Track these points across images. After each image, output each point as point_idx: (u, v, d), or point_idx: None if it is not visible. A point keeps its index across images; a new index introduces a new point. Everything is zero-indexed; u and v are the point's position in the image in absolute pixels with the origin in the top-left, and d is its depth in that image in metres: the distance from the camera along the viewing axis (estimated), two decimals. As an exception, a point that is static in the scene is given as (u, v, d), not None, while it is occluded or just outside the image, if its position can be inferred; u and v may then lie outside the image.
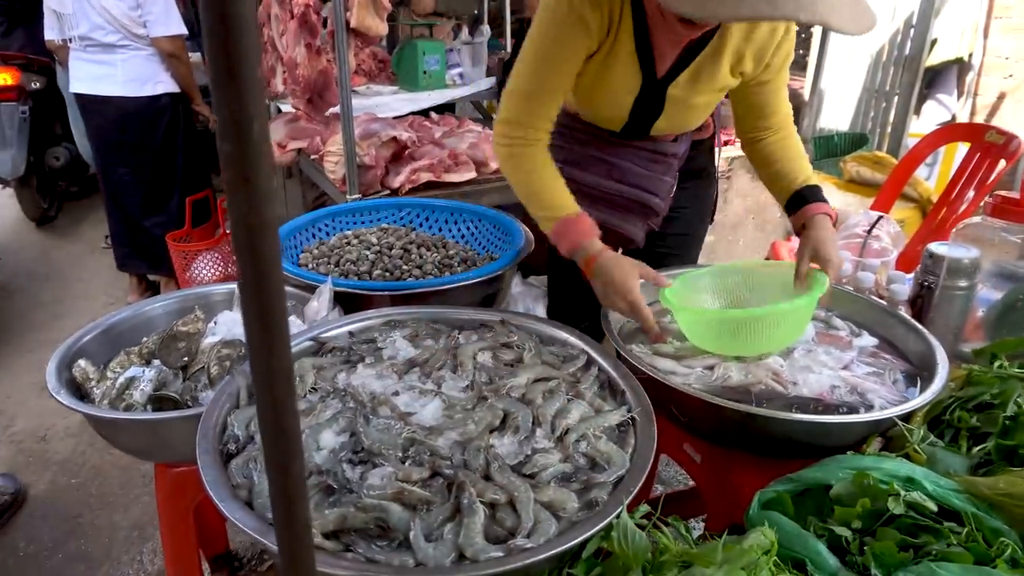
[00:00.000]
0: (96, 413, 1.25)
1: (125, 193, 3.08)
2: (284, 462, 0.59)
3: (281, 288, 0.53)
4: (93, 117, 2.96)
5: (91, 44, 2.85)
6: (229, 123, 0.46)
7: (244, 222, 0.50)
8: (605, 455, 1.01)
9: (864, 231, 1.73)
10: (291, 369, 0.55)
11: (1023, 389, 1.17)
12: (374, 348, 1.28)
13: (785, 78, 1.53)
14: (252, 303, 0.53)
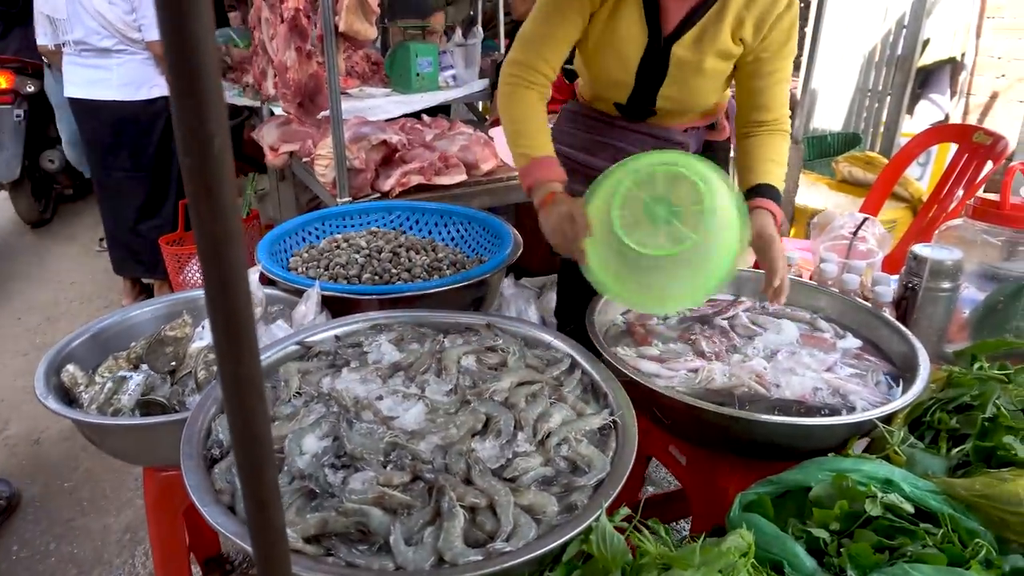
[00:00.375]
0: (84, 419, 1.25)
1: (121, 197, 3.08)
2: (257, 468, 0.60)
3: (247, 297, 0.54)
4: (88, 122, 2.96)
5: (86, 49, 2.85)
6: (190, 138, 0.47)
7: (208, 233, 0.51)
8: (586, 458, 1.02)
9: (850, 233, 1.74)
10: (260, 377, 0.56)
11: (1001, 391, 1.18)
12: (359, 352, 1.29)
13: (787, 70, 1.53)
14: (219, 313, 0.54)
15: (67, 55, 2.93)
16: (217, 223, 0.52)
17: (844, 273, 1.60)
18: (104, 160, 3.03)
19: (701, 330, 1.50)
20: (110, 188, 3.10)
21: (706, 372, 1.32)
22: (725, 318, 1.55)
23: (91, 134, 3.02)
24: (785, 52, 1.50)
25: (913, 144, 2.57)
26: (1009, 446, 1.03)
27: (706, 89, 1.58)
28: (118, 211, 3.13)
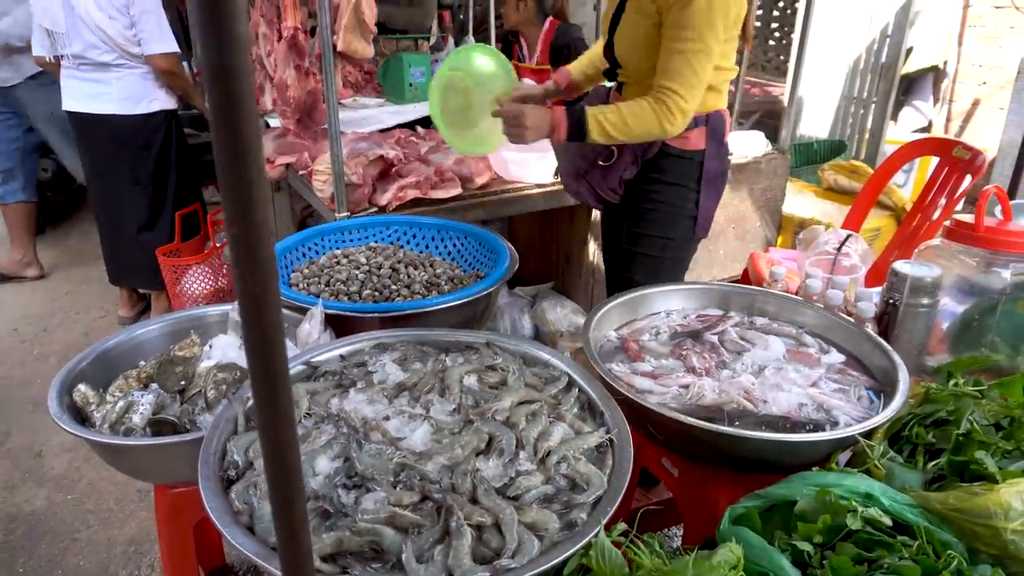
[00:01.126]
0: (99, 439, 1.30)
1: (118, 209, 3.10)
2: (288, 500, 0.66)
3: (284, 355, 0.59)
4: (87, 135, 2.98)
5: (84, 63, 2.87)
6: (236, 210, 0.53)
7: (250, 295, 0.57)
8: (584, 476, 1.08)
9: (834, 248, 1.80)
10: (293, 424, 0.61)
11: (976, 406, 1.25)
12: (365, 372, 1.34)
13: (682, 44, 1.69)
14: (259, 368, 0.59)
15: (65, 68, 2.94)
16: (257, 282, 0.58)
17: (829, 289, 1.66)
18: (102, 173, 3.05)
19: (692, 345, 1.56)
20: (107, 200, 3.12)
21: (697, 388, 1.38)
22: (715, 333, 1.61)
23: (89, 147, 3.04)
24: (681, 25, 1.68)
25: (896, 157, 2.65)
26: (980, 461, 1.09)
27: (632, 43, 1.83)
28: (115, 223, 3.15)
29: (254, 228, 0.55)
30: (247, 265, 0.57)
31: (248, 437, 1.14)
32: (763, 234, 3.36)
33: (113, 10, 2.73)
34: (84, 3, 2.71)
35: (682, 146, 1.91)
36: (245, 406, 1.21)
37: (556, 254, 3.16)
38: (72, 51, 2.85)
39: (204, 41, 0.45)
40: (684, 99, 1.72)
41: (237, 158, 0.49)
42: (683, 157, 1.92)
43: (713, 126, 1.90)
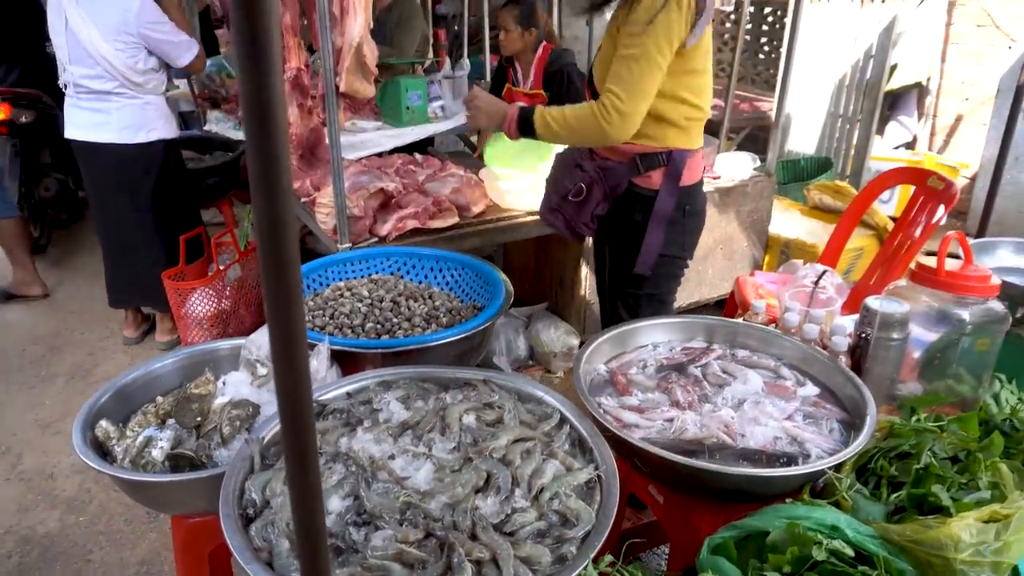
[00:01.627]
0: (122, 475, 1.39)
1: (119, 234, 3.19)
2: (313, 547, 0.76)
3: (314, 446, 0.69)
4: (89, 163, 3.06)
5: (84, 91, 2.94)
6: (272, 280, 0.61)
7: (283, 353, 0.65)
8: (575, 512, 1.18)
9: (812, 282, 1.91)
10: (318, 477, 0.71)
11: (936, 439, 1.35)
12: (371, 410, 1.44)
13: (628, 50, 1.79)
14: (294, 460, 0.69)
15: (68, 97, 3.03)
16: (290, 324, 0.66)
17: (806, 323, 1.76)
18: (103, 199, 3.15)
19: (676, 379, 1.66)
20: (109, 226, 3.21)
21: (680, 422, 1.48)
22: (698, 366, 1.71)
23: (90, 175, 3.13)
24: (625, 34, 1.79)
25: (875, 183, 2.76)
26: (936, 495, 1.20)
27: (602, 70, 1.90)
28: (117, 248, 3.25)
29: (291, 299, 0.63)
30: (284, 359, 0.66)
31: (264, 476, 1.24)
32: (750, 254, 3.47)
33: (120, 42, 2.81)
34: (89, 33, 2.79)
35: (645, 185, 1.99)
36: (260, 445, 1.31)
37: (550, 276, 3.26)
38: (74, 79, 2.93)
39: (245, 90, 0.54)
40: (621, 100, 1.78)
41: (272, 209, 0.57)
42: (646, 196, 2.00)
43: (672, 166, 1.95)
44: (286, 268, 0.60)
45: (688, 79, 1.89)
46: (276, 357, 0.64)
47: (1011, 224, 4.42)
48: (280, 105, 0.54)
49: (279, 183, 0.56)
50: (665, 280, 2.14)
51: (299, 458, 0.70)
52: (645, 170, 1.97)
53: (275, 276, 0.60)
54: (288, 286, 0.61)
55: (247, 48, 0.52)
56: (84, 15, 2.79)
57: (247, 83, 0.53)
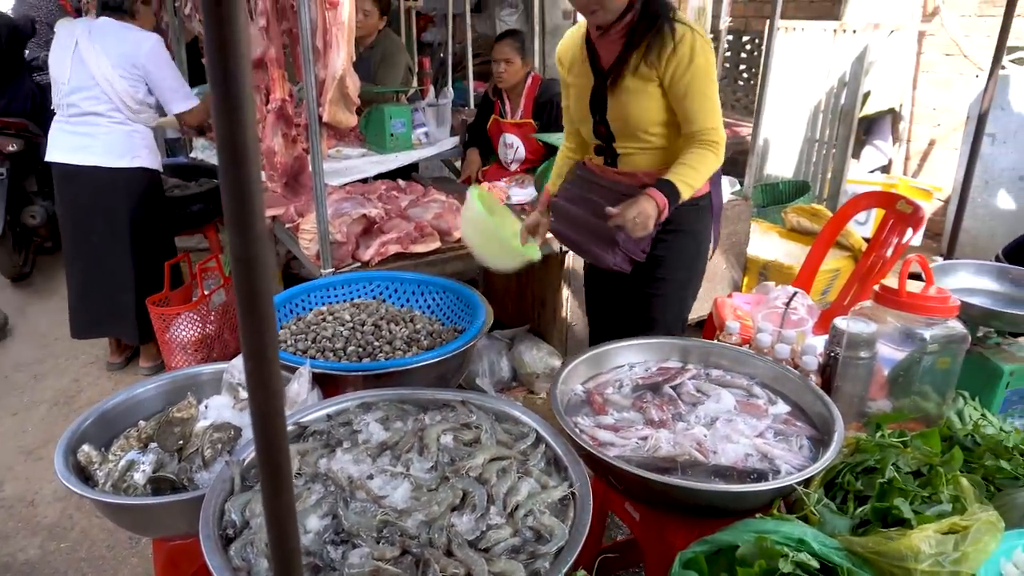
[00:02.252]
0: (104, 499, 1.40)
1: (90, 261, 3.14)
2: (287, 559, 0.79)
3: (288, 465, 0.72)
4: (68, 187, 3.05)
5: (76, 112, 2.97)
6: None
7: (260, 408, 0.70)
8: (548, 528, 1.21)
9: (784, 304, 1.96)
10: (292, 502, 0.74)
11: (900, 454, 1.40)
12: (350, 431, 1.47)
13: (697, 88, 1.92)
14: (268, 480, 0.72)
15: (56, 120, 3.05)
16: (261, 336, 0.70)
17: (778, 343, 1.81)
18: (78, 224, 3.11)
19: (652, 398, 1.70)
20: (81, 252, 3.16)
21: (653, 440, 1.51)
22: (672, 386, 1.75)
23: (69, 198, 3.10)
24: (694, 87, 1.91)
25: (847, 207, 2.84)
26: (899, 508, 1.24)
27: (639, 107, 1.99)
28: (87, 275, 3.19)
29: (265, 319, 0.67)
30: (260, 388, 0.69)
31: (244, 497, 1.26)
32: (730, 276, 3.53)
33: (125, 71, 2.91)
34: (96, 58, 2.87)
35: (694, 195, 2.06)
36: (241, 467, 1.33)
37: (532, 298, 3.30)
38: (68, 100, 2.97)
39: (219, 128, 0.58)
40: (720, 132, 1.96)
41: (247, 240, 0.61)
42: (694, 206, 2.10)
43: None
44: (260, 299, 0.63)
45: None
46: (250, 381, 0.68)
47: (983, 246, 4.52)
48: (254, 151, 0.58)
49: (253, 225, 0.60)
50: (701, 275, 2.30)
51: (273, 477, 0.73)
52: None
53: (249, 309, 0.63)
54: (262, 318, 0.64)
55: (222, 101, 0.57)
56: (96, 44, 2.89)
57: (222, 130, 0.57)
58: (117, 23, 3.00)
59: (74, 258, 3.21)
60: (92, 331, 3.34)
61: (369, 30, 3.98)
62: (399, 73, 3.96)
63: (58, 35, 3.05)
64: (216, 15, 0.54)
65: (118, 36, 2.96)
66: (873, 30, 4.58)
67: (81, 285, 3.23)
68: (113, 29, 2.97)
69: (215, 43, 0.55)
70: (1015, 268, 1.82)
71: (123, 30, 2.99)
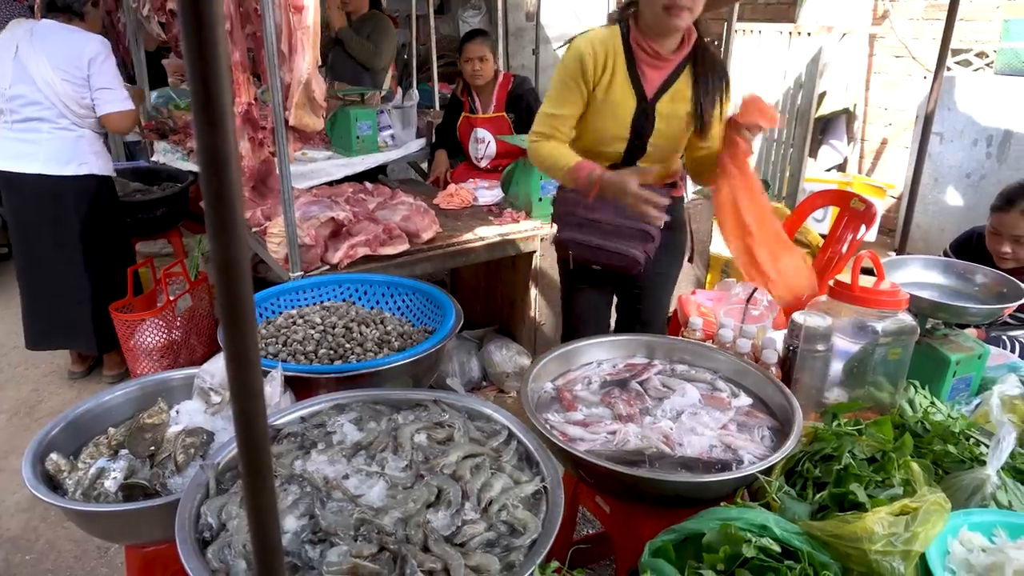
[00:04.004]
0: (76, 507, 1.40)
1: (41, 272, 3.07)
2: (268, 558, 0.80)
3: (269, 465, 0.74)
4: (13, 196, 2.97)
5: (18, 119, 2.88)
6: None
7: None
8: (522, 522, 1.24)
9: (744, 300, 2.03)
10: (274, 502, 0.76)
11: (856, 442, 1.46)
12: (324, 432, 1.48)
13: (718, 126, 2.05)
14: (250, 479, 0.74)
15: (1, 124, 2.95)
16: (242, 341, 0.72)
17: (739, 338, 1.87)
18: (26, 233, 3.03)
19: (619, 393, 1.74)
20: (31, 262, 3.09)
21: (622, 435, 1.56)
22: (639, 381, 1.80)
23: (15, 208, 3.01)
24: (720, 119, 2.06)
25: (805, 205, 2.93)
26: (854, 493, 1.30)
27: (682, 133, 2.09)
28: (39, 286, 3.11)
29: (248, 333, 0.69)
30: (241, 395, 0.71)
31: (219, 500, 1.27)
32: (694, 274, 3.61)
33: (67, 74, 2.82)
34: (37, 62, 2.78)
35: (678, 194, 2.27)
36: (216, 471, 1.34)
37: (500, 298, 3.34)
38: (9, 105, 2.88)
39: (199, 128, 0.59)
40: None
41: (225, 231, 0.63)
42: (681, 200, 2.31)
43: (684, 178, 2.32)
44: (242, 302, 0.65)
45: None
46: (232, 383, 0.69)
47: (934, 241, 4.69)
48: (233, 153, 0.60)
49: (235, 227, 0.62)
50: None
51: (254, 475, 0.75)
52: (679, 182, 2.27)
53: (232, 312, 0.65)
54: (244, 320, 0.66)
55: (201, 103, 0.58)
56: (37, 49, 2.80)
57: (202, 136, 0.59)
58: (62, 25, 2.91)
59: (24, 267, 3.12)
60: (47, 343, 3.26)
61: (358, 6, 4.20)
62: (393, 45, 4.21)
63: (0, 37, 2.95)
64: (194, 18, 0.55)
65: (61, 38, 2.86)
66: (826, 33, 4.72)
67: (33, 296, 3.15)
68: (57, 31, 2.88)
69: (193, 45, 0.56)
70: (960, 262, 1.91)
71: (68, 32, 2.89)
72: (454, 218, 3.05)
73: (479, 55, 3.45)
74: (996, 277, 1.85)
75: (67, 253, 3.05)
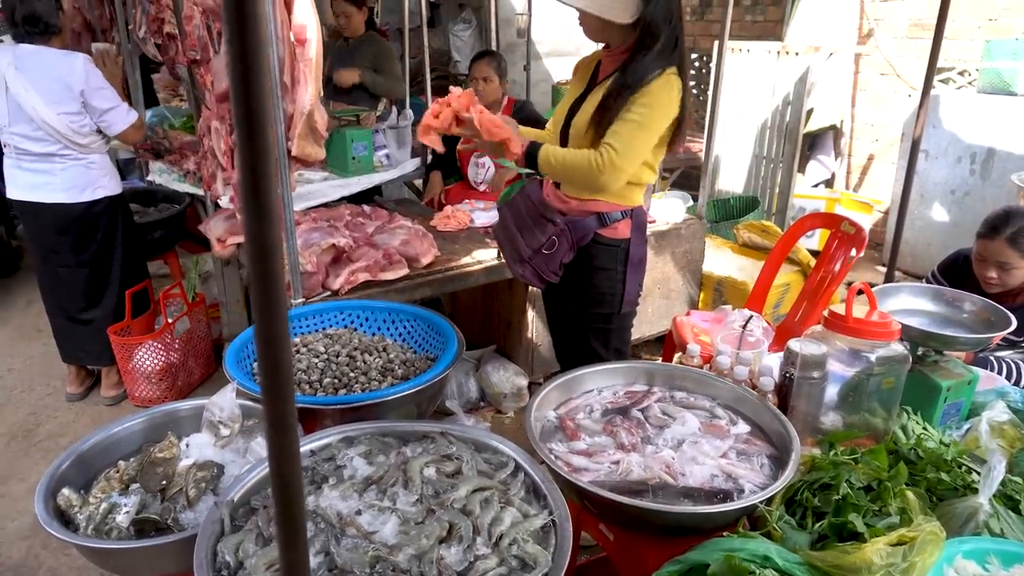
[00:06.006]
0: (91, 544, 1.42)
1: (63, 290, 3.15)
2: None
3: (302, 515, 0.77)
4: (32, 222, 3.03)
5: (26, 155, 2.90)
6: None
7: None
8: (532, 556, 1.27)
9: (740, 326, 2.07)
10: (305, 552, 0.79)
11: (853, 471, 1.51)
12: (335, 466, 1.51)
13: (624, 114, 2.01)
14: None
15: (8, 157, 2.99)
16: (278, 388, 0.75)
17: (736, 365, 1.92)
18: (47, 257, 3.11)
19: (621, 422, 1.78)
20: (52, 282, 3.17)
21: (625, 465, 1.60)
22: (640, 409, 1.84)
23: (34, 234, 3.09)
24: (634, 102, 2.00)
25: (795, 229, 2.99)
26: (853, 523, 1.34)
27: (586, 111, 2.11)
28: (61, 303, 3.20)
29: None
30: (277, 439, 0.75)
31: (235, 538, 1.29)
32: (686, 292, 3.67)
33: (63, 108, 2.81)
34: (30, 100, 2.77)
35: (611, 235, 2.21)
36: (230, 508, 1.36)
37: (497, 319, 3.37)
38: (14, 143, 2.89)
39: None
40: (618, 154, 1.99)
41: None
42: (611, 245, 2.22)
43: (637, 219, 2.22)
44: (282, 373, 0.69)
45: (660, 149, 2.15)
46: (271, 446, 0.73)
47: (921, 256, 4.77)
48: (278, 241, 0.64)
49: (279, 307, 0.66)
50: (630, 316, 2.38)
51: (290, 531, 0.78)
52: (611, 223, 2.19)
53: (272, 380, 0.69)
54: (284, 385, 0.70)
55: (250, 193, 0.62)
56: (26, 83, 2.76)
57: (251, 224, 0.62)
58: (43, 50, 2.82)
59: (49, 291, 3.20)
60: (76, 357, 3.34)
61: (355, 28, 4.20)
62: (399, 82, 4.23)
63: None
64: (239, 31, 0.57)
65: (47, 68, 2.79)
66: (814, 52, 4.81)
67: (61, 317, 3.23)
68: (40, 60, 2.80)
69: (237, 60, 0.58)
70: (950, 290, 1.97)
71: (51, 58, 2.82)
72: (451, 240, 3.08)
73: (484, 75, 3.49)
74: (984, 305, 1.91)
75: (89, 274, 3.14)
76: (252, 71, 0.59)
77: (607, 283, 2.26)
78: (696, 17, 6.42)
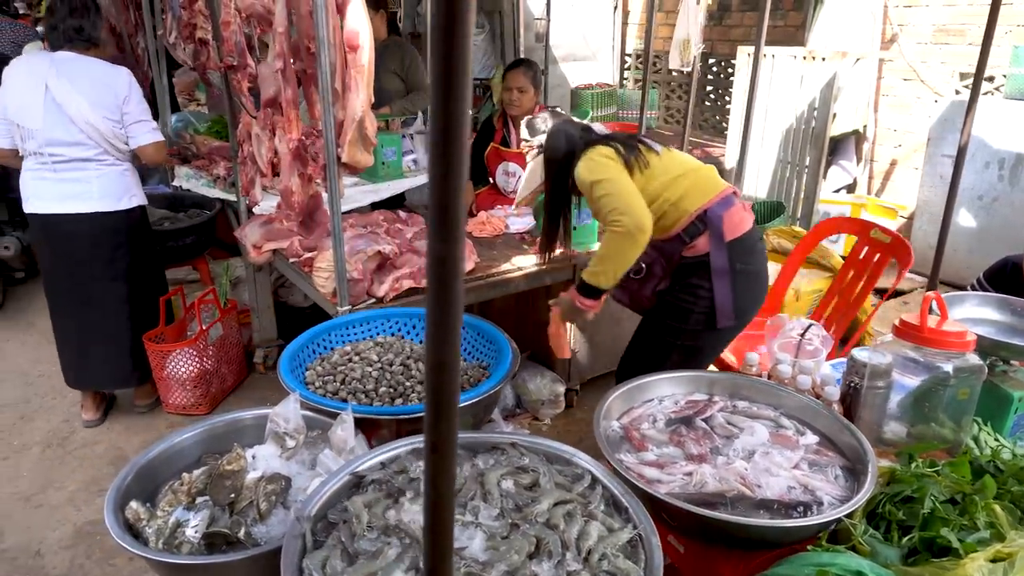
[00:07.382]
0: (166, 559, 1.40)
1: (89, 310, 3.02)
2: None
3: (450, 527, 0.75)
4: (60, 237, 2.90)
5: (60, 160, 2.80)
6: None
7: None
8: (625, 572, 1.25)
9: (799, 335, 2.05)
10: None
11: (935, 483, 1.48)
12: (408, 479, 1.49)
13: (597, 196, 2.10)
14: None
15: (32, 169, 2.84)
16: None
17: (799, 375, 1.90)
18: (72, 273, 2.96)
19: (687, 432, 1.76)
20: (78, 301, 3.01)
21: (699, 476, 1.58)
22: (704, 419, 1.81)
23: (63, 250, 2.94)
24: (594, 190, 2.10)
25: (820, 228, 2.97)
26: (945, 537, 1.32)
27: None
28: (85, 325, 3.06)
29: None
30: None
31: (321, 554, 1.27)
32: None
33: (108, 111, 2.76)
34: (77, 104, 2.70)
35: (692, 254, 2.20)
36: (310, 523, 1.34)
37: (532, 325, 3.34)
38: (49, 149, 2.78)
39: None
40: (621, 212, 2.03)
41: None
42: (695, 262, 2.20)
43: (713, 226, 2.16)
44: (450, 398, 0.67)
45: (657, 160, 2.22)
46: (430, 456, 0.71)
47: (948, 260, 4.72)
48: (462, 264, 0.62)
49: (454, 335, 0.64)
50: (729, 332, 2.30)
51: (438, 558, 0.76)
52: (690, 240, 2.17)
53: (438, 405, 0.67)
54: (450, 409, 0.68)
55: (439, 213, 0.60)
56: (70, 87, 2.71)
57: (435, 244, 0.60)
58: (82, 58, 2.79)
59: (71, 311, 3.03)
60: (98, 381, 3.19)
61: (376, 32, 4.17)
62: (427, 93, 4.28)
63: (16, 73, 2.78)
64: (445, 39, 0.55)
65: (91, 74, 2.77)
66: (841, 58, 4.79)
67: (79, 337, 3.07)
68: (82, 66, 2.77)
69: (441, 67, 0.56)
70: (1016, 299, 1.95)
71: (93, 66, 2.79)
72: (488, 247, 3.06)
73: (518, 85, 3.47)
74: (1051, 313, 1.89)
75: (118, 288, 3.02)
76: (455, 88, 0.57)
77: (688, 298, 2.23)
78: (714, 22, 6.41)
